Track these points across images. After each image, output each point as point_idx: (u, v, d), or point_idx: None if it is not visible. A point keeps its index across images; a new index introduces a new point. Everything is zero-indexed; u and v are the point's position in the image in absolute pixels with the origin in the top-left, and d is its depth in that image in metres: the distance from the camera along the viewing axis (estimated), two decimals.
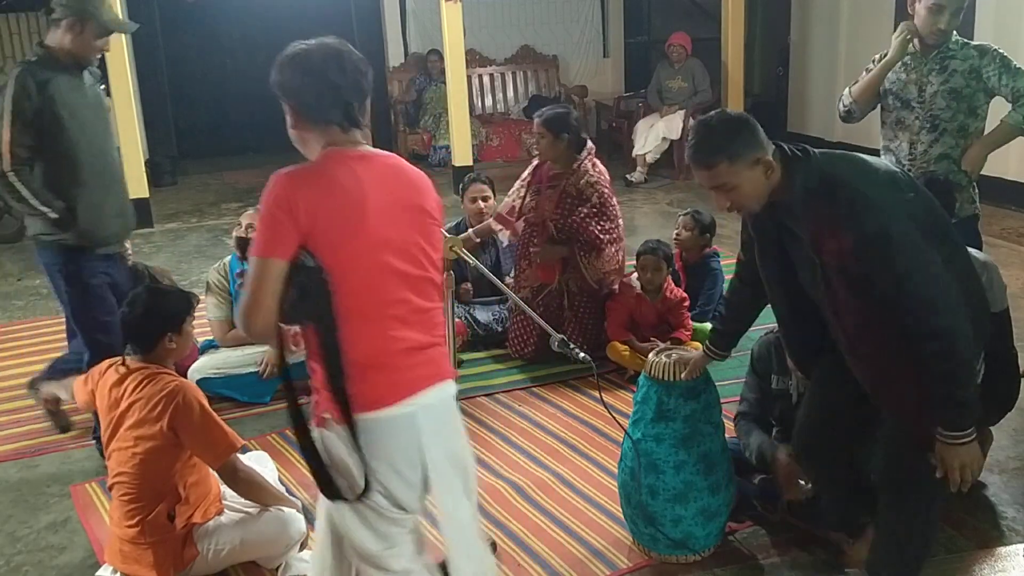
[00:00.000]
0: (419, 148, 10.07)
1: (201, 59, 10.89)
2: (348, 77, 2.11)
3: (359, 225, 2.05)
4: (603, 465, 3.67)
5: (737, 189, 2.33)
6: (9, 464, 3.91)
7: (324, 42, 2.15)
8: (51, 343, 4.98)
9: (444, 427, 2.21)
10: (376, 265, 2.07)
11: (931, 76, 3.66)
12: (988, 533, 3.16)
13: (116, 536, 2.95)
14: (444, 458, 2.20)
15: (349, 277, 2.04)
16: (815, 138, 9.37)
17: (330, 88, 2.10)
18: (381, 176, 2.13)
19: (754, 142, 2.32)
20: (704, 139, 2.34)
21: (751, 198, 2.36)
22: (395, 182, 2.15)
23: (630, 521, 3.11)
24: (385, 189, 2.11)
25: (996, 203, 6.95)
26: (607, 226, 4.60)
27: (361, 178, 2.09)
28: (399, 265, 2.09)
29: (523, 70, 10.88)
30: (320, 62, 2.10)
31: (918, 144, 3.71)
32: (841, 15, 8.85)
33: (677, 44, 8.87)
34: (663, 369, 2.95)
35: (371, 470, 2.10)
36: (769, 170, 2.32)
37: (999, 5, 7.11)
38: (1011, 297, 3.48)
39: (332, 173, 2.08)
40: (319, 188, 2.06)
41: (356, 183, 2.07)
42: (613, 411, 3.00)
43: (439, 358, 2.20)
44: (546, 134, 4.56)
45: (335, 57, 2.11)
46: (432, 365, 2.17)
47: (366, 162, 2.13)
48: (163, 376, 2.92)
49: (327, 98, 2.10)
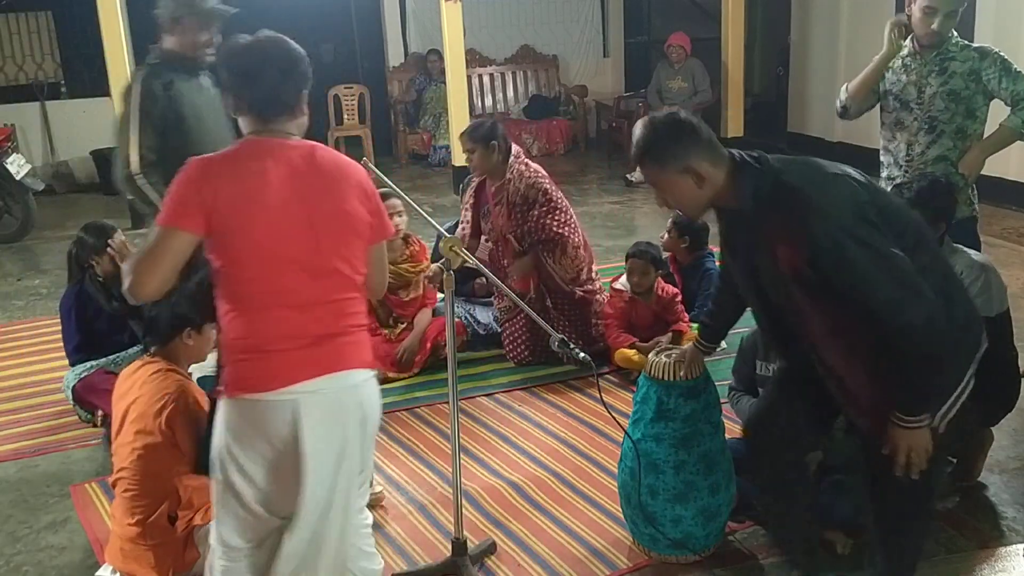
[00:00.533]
0: (419, 148, 10.08)
1: None
2: (268, 69, 2.20)
3: (258, 214, 2.13)
4: (603, 465, 3.67)
5: (667, 192, 2.35)
6: (9, 464, 3.91)
7: (256, 36, 2.27)
8: (51, 343, 4.98)
9: (334, 417, 2.21)
10: (272, 254, 2.14)
11: (930, 78, 3.65)
12: (988, 533, 3.16)
13: (117, 534, 2.95)
14: (327, 449, 2.21)
15: (244, 264, 2.14)
16: (815, 138, 9.38)
17: (247, 80, 2.22)
18: (291, 168, 2.18)
19: (690, 150, 2.28)
20: (642, 138, 2.34)
21: (682, 203, 2.38)
22: (307, 175, 2.19)
23: (630, 521, 3.11)
24: (293, 181, 2.17)
25: (996, 203, 6.95)
26: (562, 218, 4.59)
27: (267, 168, 2.16)
28: (299, 256, 2.16)
29: (523, 70, 10.88)
30: (239, 54, 2.25)
31: (916, 145, 3.71)
32: (841, 15, 8.85)
33: (677, 44, 8.87)
34: (663, 369, 2.95)
35: (235, 454, 2.19)
36: (700, 180, 2.30)
37: (999, 6, 7.11)
38: (1011, 297, 3.48)
39: (242, 161, 2.18)
40: (225, 174, 2.15)
41: (261, 173, 2.15)
42: (613, 411, 2.99)
43: (342, 348, 2.23)
44: (475, 147, 4.52)
45: (257, 50, 2.23)
46: (329, 355, 2.20)
47: (280, 153, 2.19)
48: (172, 374, 2.93)
49: (245, 89, 2.22)
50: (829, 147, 9.17)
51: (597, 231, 7.24)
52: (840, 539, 3.05)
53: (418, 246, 4.72)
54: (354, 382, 2.25)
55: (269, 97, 2.21)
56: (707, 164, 2.29)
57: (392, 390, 4.48)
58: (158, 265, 2.11)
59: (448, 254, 2.76)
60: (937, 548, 3.07)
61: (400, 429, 4.08)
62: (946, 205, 3.32)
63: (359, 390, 2.26)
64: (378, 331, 4.63)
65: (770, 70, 10.36)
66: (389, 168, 9.79)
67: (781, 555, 3.00)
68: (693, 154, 2.28)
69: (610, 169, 9.46)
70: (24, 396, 4.58)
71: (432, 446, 3.92)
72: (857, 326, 2.25)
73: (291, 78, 2.23)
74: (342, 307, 2.24)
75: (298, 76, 2.25)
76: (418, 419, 4.18)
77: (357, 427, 2.26)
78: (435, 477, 3.66)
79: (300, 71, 2.25)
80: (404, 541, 3.24)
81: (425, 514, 3.41)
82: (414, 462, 3.80)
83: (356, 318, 2.29)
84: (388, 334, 4.67)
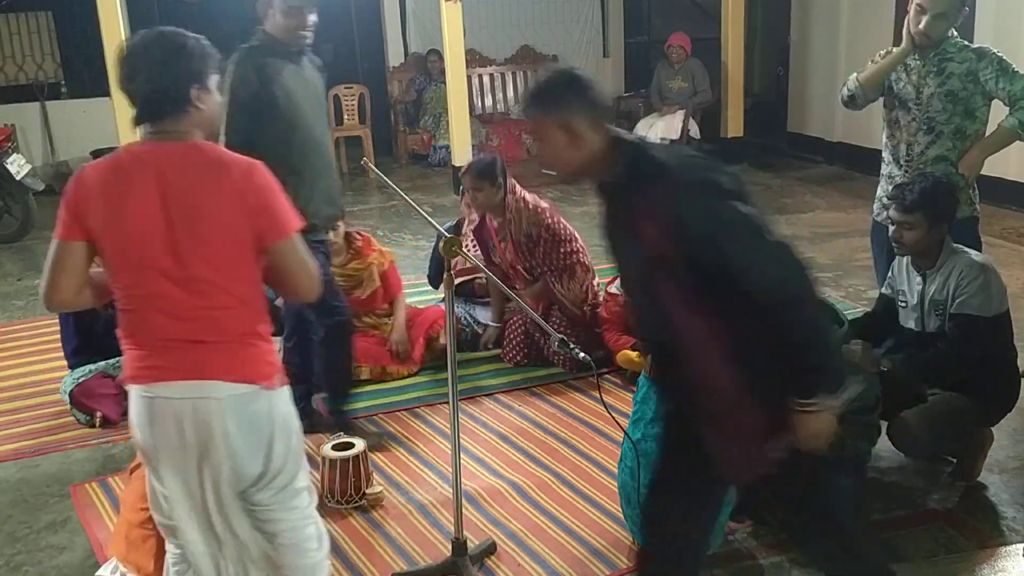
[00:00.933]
0: (419, 148, 10.07)
1: None
2: (144, 66, 2.15)
3: (121, 223, 2.12)
4: (603, 465, 3.66)
5: (542, 142, 2.27)
6: (9, 464, 3.91)
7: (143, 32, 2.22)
8: (51, 343, 4.98)
9: (187, 424, 2.18)
10: (137, 264, 2.14)
11: (928, 78, 3.63)
12: (988, 533, 3.16)
13: (125, 520, 2.94)
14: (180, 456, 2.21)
15: (116, 272, 2.18)
16: (815, 138, 9.38)
17: (126, 80, 2.17)
18: (159, 174, 2.13)
19: (573, 106, 2.22)
20: (535, 82, 2.31)
21: (552, 159, 2.28)
22: (177, 180, 2.13)
23: (630, 521, 3.11)
24: (160, 188, 2.12)
25: (996, 203, 6.94)
26: (567, 248, 4.66)
27: (134, 176, 2.13)
28: (161, 265, 2.13)
29: (523, 70, 10.87)
30: (121, 54, 2.19)
31: (915, 145, 3.69)
32: (841, 15, 8.85)
33: (677, 44, 8.87)
34: None
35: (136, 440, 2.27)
36: (575, 139, 2.21)
37: (999, 6, 7.11)
38: (1011, 297, 3.48)
39: (114, 169, 2.17)
40: (97, 184, 2.15)
41: (128, 181, 2.13)
42: (613, 411, 2.99)
43: (210, 357, 2.17)
44: (483, 186, 4.50)
45: (136, 48, 2.19)
46: (194, 362, 2.16)
47: (152, 157, 2.15)
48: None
49: (127, 90, 2.18)
50: (829, 147, 9.17)
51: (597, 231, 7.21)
52: None
53: (361, 240, 4.65)
54: (218, 394, 2.16)
55: (149, 96, 2.14)
56: (586, 126, 2.22)
57: (392, 390, 4.48)
58: (56, 275, 2.17)
59: (448, 254, 2.76)
60: (937, 548, 3.08)
61: (400, 429, 4.08)
62: (948, 206, 3.32)
63: (224, 403, 2.17)
64: (370, 333, 4.64)
65: (770, 70, 10.35)
66: (389, 168, 9.79)
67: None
68: (575, 110, 2.21)
69: None
70: (24, 396, 4.58)
71: (432, 446, 3.92)
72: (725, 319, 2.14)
73: (170, 74, 2.15)
74: (216, 316, 2.16)
75: (181, 70, 2.16)
76: (418, 419, 4.18)
77: (220, 439, 2.18)
78: (435, 477, 3.66)
79: (183, 65, 2.17)
80: (404, 541, 3.24)
81: (425, 514, 3.41)
82: (414, 462, 3.80)
83: (237, 328, 2.19)
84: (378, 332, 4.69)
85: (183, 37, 2.22)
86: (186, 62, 2.18)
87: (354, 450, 3.42)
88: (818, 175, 8.84)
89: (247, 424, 2.20)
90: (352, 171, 9.61)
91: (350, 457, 3.39)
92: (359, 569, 3.10)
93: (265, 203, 2.17)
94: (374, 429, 4.06)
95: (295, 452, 2.32)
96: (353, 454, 3.40)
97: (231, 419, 2.18)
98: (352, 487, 3.40)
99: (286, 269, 2.22)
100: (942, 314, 3.31)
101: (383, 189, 8.85)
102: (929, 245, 3.30)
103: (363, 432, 3.86)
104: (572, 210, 7.85)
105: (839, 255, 6.34)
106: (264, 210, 2.16)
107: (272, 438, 2.24)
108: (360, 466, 3.41)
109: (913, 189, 3.29)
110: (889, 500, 3.36)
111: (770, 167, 9.21)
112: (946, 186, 3.36)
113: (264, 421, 2.22)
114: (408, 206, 3.16)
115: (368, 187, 9.18)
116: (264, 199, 2.17)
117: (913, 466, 3.53)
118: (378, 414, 4.23)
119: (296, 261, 2.22)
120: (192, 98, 2.17)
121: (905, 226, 3.29)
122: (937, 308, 3.33)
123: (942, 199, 3.29)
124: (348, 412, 4.03)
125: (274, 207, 2.18)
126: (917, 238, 3.28)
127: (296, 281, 2.24)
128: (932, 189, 3.28)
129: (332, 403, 3.99)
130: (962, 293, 3.23)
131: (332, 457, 3.40)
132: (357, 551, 3.19)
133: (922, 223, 3.25)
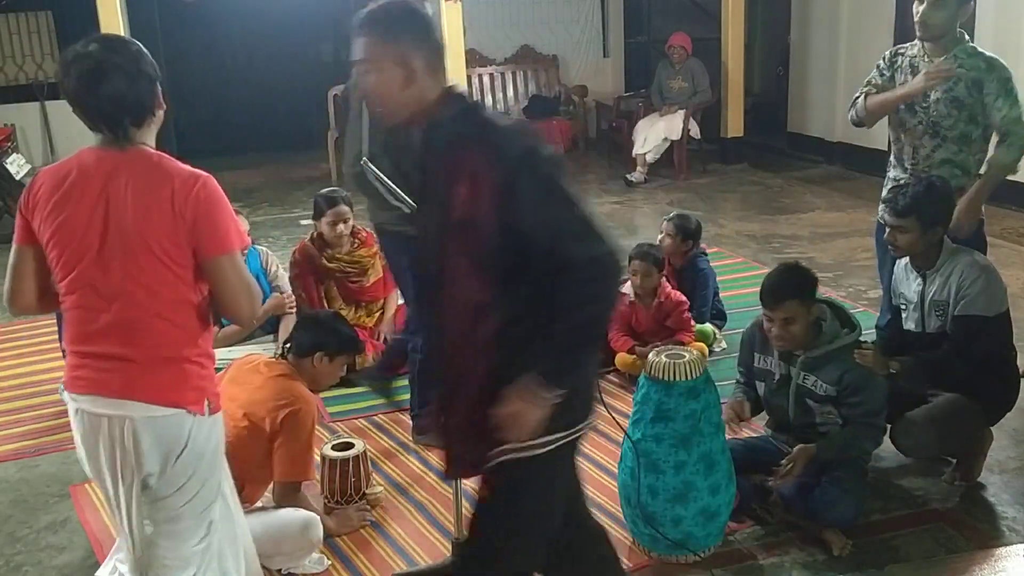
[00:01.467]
0: None
1: (201, 59, 10.90)
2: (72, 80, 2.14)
3: (61, 227, 2.13)
4: (603, 465, 3.66)
5: (376, 73, 2.12)
6: (9, 464, 3.91)
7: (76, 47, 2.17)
8: (51, 343, 4.98)
9: (103, 439, 2.17)
10: (71, 270, 2.14)
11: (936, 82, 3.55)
12: (988, 533, 3.16)
13: None
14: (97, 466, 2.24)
15: (57, 279, 2.17)
16: (815, 138, 9.38)
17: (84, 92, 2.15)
18: (102, 183, 2.12)
19: (417, 43, 2.10)
20: (376, 8, 2.17)
21: (383, 96, 2.13)
22: (114, 192, 2.11)
23: (630, 521, 3.11)
24: (97, 199, 2.11)
25: (996, 203, 6.93)
26: None
27: (76, 181, 2.14)
28: (90, 277, 2.12)
29: (523, 70, 10.88)
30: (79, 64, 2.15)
31: (920, 148, 3.65)
32: (841, 15, 8.85)
33: (677, 44, 8.86)
34: (663, 369, 2.94)
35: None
36: (410, 78, 2.09)
37: (999, 6, 7.10)
38: (1011, 297, 3.48)
39: (64, 172, 2.17)
40: (46, 186, 2.16)
41: (71, 186, 2.13)
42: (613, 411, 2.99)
43: (128, 374, 2.13)
44: None
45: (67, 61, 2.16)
46: (112, 378, 2.13)
47: (97, 164, 2.15)
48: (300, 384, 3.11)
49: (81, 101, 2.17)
50: (829, 147, 9.17)
51: None
52: (838, 540, 3.05)
53: (365, 232, 4.76)
54: (135, 413, 2.13)
55: (113, 107, 2.13)
56: (424, 67, 2.10)
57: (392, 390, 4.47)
58: (15, 280, 2.23)
59: None
60: (937, 548, 3.08)
61: (400, 429, 4.08)
62: (942, 209, 3.31)
63: (138, 423, 2.13)
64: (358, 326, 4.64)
65: (770, 70, 10.35)
66: None
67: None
68: (417, 47, 2.10)
69: (610, 169, 9.46)
70: (24, 396, 4.58)
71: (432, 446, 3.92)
72: (503, 295, 2.05)
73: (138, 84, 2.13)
74: (137, 333, 2.12)
75: (147, 79, 2.15)
76: None
77: (132, 455, 2.15)
78: (435, 477, 3.65)
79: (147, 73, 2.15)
80: (404, 541, 3.24)
81: (425, 514, 3.41)
82: (414, 462, 3.80)
83: (161, 350, 2.15)
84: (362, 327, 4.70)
85: (135, 43, 2.19)
86: (151, 69, 2.18)
87: (354, 450, 3.42)
88: (818, 175, 8.84)
89: (158, 442, 2.16)
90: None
91: (350, 457, 3.39)
92: (359, 569, 3.10)
93: (203, 216, 2.11)
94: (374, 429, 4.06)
95: (197, 481, 2.22)
96: (353, 454, 3.40)
97: (145, 438, 2.14)
98: (352, 487, 3.40)
99: (221, 287, 2.15)
100: (942, 315, 3.31)
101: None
102: (926, 248, 3.30)
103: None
104: None
105: (839, 255, 6.34)
106: (201, 223, 2.11)
107: (178, 458, 2.18)
108: (360, 466, 3.41)
109: (906, 193, 3.29)
110: (889, 500, 3.36)
111: (770, 167, 9.21)
112: (940, 190, 3.34)
113: (175, 442, 2.17)
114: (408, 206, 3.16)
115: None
116: (202, 212, 2.11)
117: (913, 466, 3.53)
118: (378, 414, 4.22)
119: (231, 279, 2.15)
120: (154, 106, 2.18)
121: (899, 230, 3.29)
122: (937, 308, 3.32)
123: (936, 203, 3.28)
124: None
125: (213, 221, 2.12)
126: (911, 242, 3.28)
127: (230, 300, 2.17)
128: (925, 193, 3.27)
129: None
130: (965, 295, 3.23)
131: (332, 457, 3.40)
132: (357, 551, 3.19)
133: (915, 227, 3.25)
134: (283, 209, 8.25)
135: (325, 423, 4.15)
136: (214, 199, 2.13)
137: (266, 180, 9.59)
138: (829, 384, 3.12)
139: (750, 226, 7.24)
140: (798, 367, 3.19)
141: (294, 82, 11.01)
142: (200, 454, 2.20)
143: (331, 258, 4.70)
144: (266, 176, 9.77)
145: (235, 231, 2.17)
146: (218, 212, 2.13)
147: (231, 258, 2.15)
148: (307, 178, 9.61)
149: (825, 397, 3.14)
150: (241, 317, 2.23)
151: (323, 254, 4.70)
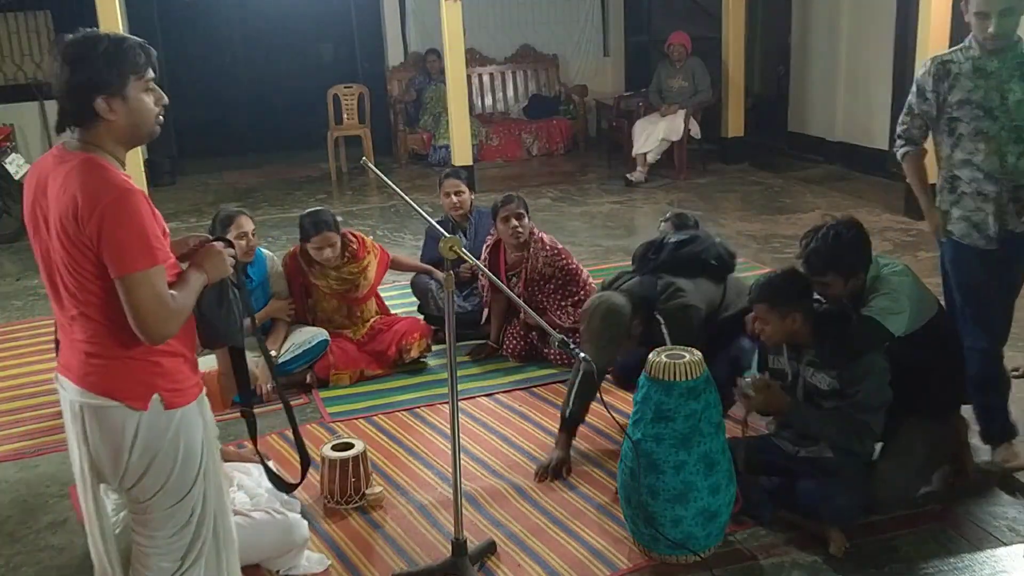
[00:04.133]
0: (419, 148, 10.07)
1: (201, 59, 10.89)
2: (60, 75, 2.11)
3: (28, 218, 2.23)
4: (603, 465, 3.66)
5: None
6: (9, 464, 3.91)
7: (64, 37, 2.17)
8: (51, 343, 4.97)
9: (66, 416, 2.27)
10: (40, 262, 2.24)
11: (1012, 83, 3.33)
12: (988, 533, 3.16)
13: None
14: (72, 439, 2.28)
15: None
16: (815, 138, 9.38)
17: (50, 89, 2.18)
18: (37, 182, 2.18)
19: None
20: None
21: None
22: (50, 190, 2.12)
23: (630, 521, 3.11)
24: (36, 196, 2.18)
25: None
26: (574, 287, 4.80)
27: (30, 179, 2.22)
28: (44, 267, 2.23)
29: (523, 69, 10.88)
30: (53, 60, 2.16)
31: (1008, 156, 3.35)
32: (841, 15, 8.84)
33: (677, 43, 8.86)
34: (663, 369, 2.94)
35: None
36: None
37: None
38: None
39: (34, 168, 2.24)
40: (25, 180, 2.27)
41: (29, 182, 2.22)
42: (613, 411, 2.99)
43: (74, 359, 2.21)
44: (525, 214, 4.69)
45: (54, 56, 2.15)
46: (68, 360, 2.24)
47: (45, 164, 2.19)
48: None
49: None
50: (830, 147, 9.17)
51: (597, 231, 7.24)
52: (837, 538, 3.05)
53: (357, 242, 4.66)
54: (75, 397, 2.20)
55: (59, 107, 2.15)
56: None
57: (392, 390, 4.48)
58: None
59: (448, 254, 2.76)
60: (937, 548, 3.08)
61: (400, 429, 4.08)
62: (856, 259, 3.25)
63: (76, 406, 2.20)
64: (343, 335, 4.65)
65: (770, 70, 10.34)
66: (389, 168, 9.79)
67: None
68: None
69: (610, 169, 9.45)
70: (24, 396, 4.58)
71: (432, 446, 3.92)
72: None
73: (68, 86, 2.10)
74: (75, 324, 2.18)
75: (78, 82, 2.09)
76: (418, 419, 4.18)
77: (80, 436, 2.21)
78: (435, 477, 3.66)
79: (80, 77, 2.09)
80: (404, 541, 3.24)
81: (425, 514, 3.41)
82: (414, 462, 3.80)
83: (93, 343, 2.17)
84: (351, 334, 4.68)
85: (93, 42, 2.12)
86: (86, 73, 2.08)
87: (354, 450, 3.42)
88: (818, 175, 8.84)
89: (101, 431, 2.18)
90: (351, 171, 9.62)
91: (350, 457, 3.39)
92: (359, 569, 3.10)
93: (103, 236, 2.04)
94: (374, 429, 4.06)
95: (156, 476, 2.21)
96: (353, 454, 3.40)
97: (89, 422, 2.19)
98: (352, 487, 3.39)
99: (125, 305, 2.08)
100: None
101: (383, 189, 8.85)
102: (853, 291, 3.28)
103: None
104: (572, 210, 7.86)
105: None
106: (101, 243, 2.05)
107: (130, 454, 2.18)
108: (360, 466, 3.41)
109: (819, 252, 3.21)
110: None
111: (770, 167, 9.21)
112: (848, 239, 3.24)
113: (119, 435, 2.17)
114: (408, 206, 3.15)
115: (368, 187, 9.18)
116: (103, 231, 2.03)
117: None
118: (378, 414, 4.22)
119: (131, 301, 2.07)
120: (98, 110, 2.09)
121: (823, 286, 3.27)
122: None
123: (847, 255, 3.22)
124: None
125: (113, 242, 2.04)
126: (839, 293, 3.27)
127: (132, 319, 2.08)
128: (834, 247, 3.20)
129: None
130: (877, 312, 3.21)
131: (332, 457, 3.40)
132: (357, 551, 3.19)
133: (838, 280, 3.24)
134: (283, 209, 8.25)
135: (325, 423, 4.16)
136: (120, 219, 2.04)
137: (266, 180, 9.59)
138: (831, 377, 3.15)
139: (750, 226, 7.24)
140: (804, 364, 3.22)
141: (294, 82, 11.01)
142: (152, 450, 2.19)
143: (318, 276, 4.59)
144: (266, 176, 9.77)
145: (140, 250, 2.06)
146: (120, 231, 2.04)
147: (131, 279, 2.06)
148: (307, 178, 9.61)
149: (830, 392, 3.16)
150: (147, 336, 2.12)
151: (311, 270, 4.60)
